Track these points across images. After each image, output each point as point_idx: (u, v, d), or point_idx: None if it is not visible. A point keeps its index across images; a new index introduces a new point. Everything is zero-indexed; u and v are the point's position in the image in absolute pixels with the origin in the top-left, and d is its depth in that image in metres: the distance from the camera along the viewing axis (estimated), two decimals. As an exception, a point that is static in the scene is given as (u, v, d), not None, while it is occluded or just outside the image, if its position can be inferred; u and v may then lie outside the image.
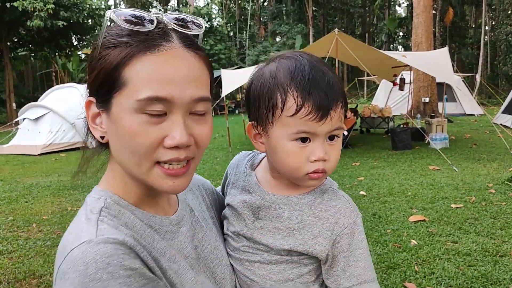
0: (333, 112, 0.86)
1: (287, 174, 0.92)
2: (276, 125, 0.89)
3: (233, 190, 1.05)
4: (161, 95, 0.74)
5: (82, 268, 0.67)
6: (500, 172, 7.33)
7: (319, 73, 0.87)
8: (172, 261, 0.83)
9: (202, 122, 0.81)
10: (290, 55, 0.92)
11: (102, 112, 0.80)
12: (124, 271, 0.69)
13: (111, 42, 0.77)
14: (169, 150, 0.77)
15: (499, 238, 4.32)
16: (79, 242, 0.71)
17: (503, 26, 31.56)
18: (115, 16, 0.76)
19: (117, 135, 0.78)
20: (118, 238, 0.73)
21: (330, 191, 0.97)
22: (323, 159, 0.88)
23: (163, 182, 0.79)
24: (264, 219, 0.97)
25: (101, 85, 0.77)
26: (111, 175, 0.87)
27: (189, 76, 0.77)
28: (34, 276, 3.88)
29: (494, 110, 19.68)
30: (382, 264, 3.82)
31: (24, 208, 6.23)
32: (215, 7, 52.71)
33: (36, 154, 12.06)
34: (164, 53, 0.75)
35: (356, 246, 0.93)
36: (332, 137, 0.90)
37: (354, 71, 41.71)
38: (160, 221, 0.87)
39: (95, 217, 0.78)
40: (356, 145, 11.30)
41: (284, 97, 0.86)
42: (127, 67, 0.74)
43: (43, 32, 21.87)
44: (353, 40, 10.84)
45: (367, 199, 5.98)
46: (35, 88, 40.86)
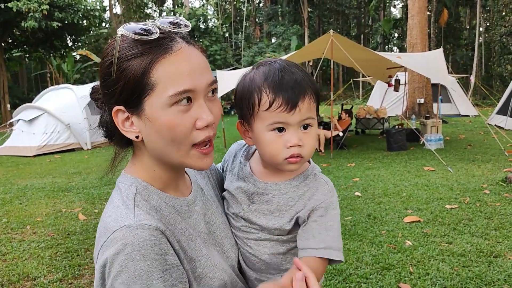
0: (301, 104, 1.01)
1: (270, 161, 1.08)
2: (256, 120, 1.05)
3: (231, 176, 1.22)
4: (187, 87, 0.88)
5: (121, 247, 0.83)
6: (494, 172, 7.36)
7: (288, 73, 1.04)
8: (190, 240, 0.99)
9: (215, 102, 0.98)
10: (266, 62, 1.10)
11: (132, 116, 0.93)
12: (153, 255, 0.85)
13: (127, 55, 0.89)
14: (201, 131, 0.93)
15: (493, 239, 4.33)
16: (120, 225, 0.87)
17: (497, 28, 31.69)
18: (127, 31, 0.88)
19: (156, 131, 0.91)
20: (153, 224, 0.88)
21: (312, 176, 1.13)
22: (298, 145, 1.03)
23: (199, 161, 0.96)
24: (257, 203, 1.13)
25: (131, 93, 0.89)
26: (138, 165, 1.01)
27: (201, 66, 0.93)
28: (28, 279, 3.86)
29: (488, 111, 19.77)
30: (377, 265, 3.82)
31: (18, 210, 6.20)
32: (210, 8, 52.69)
33: (31, 156, 12.01)
34: (178, 53, 0.89)
35: (328, 219, 1.07)
36: (306, 126, 1.05)
37: (349, 72, 41.81)
38: (180, 202, 1.03)
39: (132, 203, 0.93)
40: (351, 146, 11.32)
41: (259, 95, 1.03)
42: (152, 72, 0.88)
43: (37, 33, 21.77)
44: (348, 41, 10.86)
45: (362, 200, 5.99)
46: (29, 89, 40.72)
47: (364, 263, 3.87)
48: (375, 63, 11.29)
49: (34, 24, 20.35)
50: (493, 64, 34.26)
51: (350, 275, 3.64)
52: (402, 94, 14.66)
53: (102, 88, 0.95)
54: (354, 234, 4.57)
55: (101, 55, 0.97)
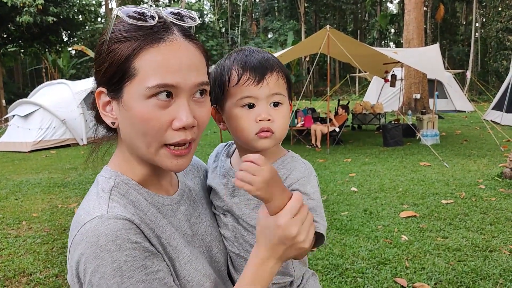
0: (268, 77, 1.02)
1: (242, 138, 1.06)
2: (227, 98, 1.05)
3: (212, 175, 1.20)
4: (169, 82, 0.83)
5: (94, 239, 0.78)
6: (490, 168, 7.39)
7: (257, 53, 1.06)
8: (171, 238, 0.93)
9: (203, 105, 0.91)
10: (237, 49, 1.11)
11: (113, 100, 0.89)
12: (131, 244, 0.80)
13: (118, 36, 0.86)
14: (177, 132, 0.86)
15: (489, 233, 4.35)
16: (91, 217, 0.82)
17: (493, 23, 31.74)
18: (122, 13, 0.85)
19: (129, 120, 0.86)
20: (126, 216, 0.83)
21: (290, 158, 1.11)
22: (268, 119, 1.02)
23: (168, 162, 0.89)
24: (238, 195, 1.11)
25: (113, 76, 0.85)
26: (120, 156, 0.97)
27: (191, 64, 0.86)
28: (24, 274, 3.85)
29: (484, 106, 19.83)
30: (373, 259, 3.83)
31: (14, 205, 6.18)
32: (206, 3, 52.50)
33: (26, 151, 11.96)
34: (169, 44, 0.85)
35: (307, 197, 1.03)
36: (276, 104, 1.04)
37: (346, 68, 41.83)
38: (162, 200, 0.98)
39: (107, 196, 0.88)
40: (347, 142, 11.33)
41: (229, 73, 1.04)
42: (137, 58, 0.83)
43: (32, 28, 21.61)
44: (344, 36, 10.85)
45: (359, 195, 6.00)
46: (25, 85, 40.54)
47: (360, 258, 3.88)
48: (371, 59, 11.29)
49: (29, 19, 20.22)
50: (489, 60, 34.35)
51: (346, 270, 3.65)
52: (398, 89, 14.67)
53: (94, 65, 0.91)
54: (350, 229, 4.59)
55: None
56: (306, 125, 11.25)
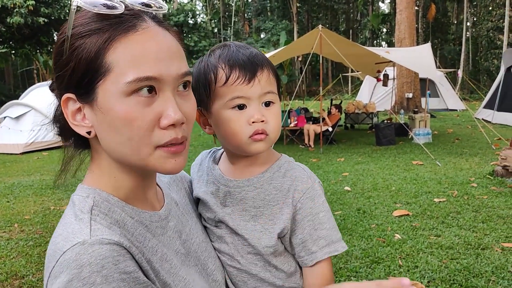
0: (260, 75, 0.94)
1: (233, 143, 0.98)
2: (214, 100, 0.96)
3: (198, 184, 1.09)
4: (150, 74, 0.72)
5: (76, 271, 0.65)
6: (481, 166, 7.44)
7: (244, 48, 0.98)
8: (164, 260, 0.82)
9: (187, 98, 0.82)
10: (220, 45, 1.02)
11: (84, 106, 0.77)
12: (119, 274, 0.67)
13: (82, 31, 0.74)
14: (166, 131, 0.76)
15: (481, 231, 4.38)
16: (72, 243, 0.69)
17: (484, 22, 32.01)
18: (83, 2, 0.72)
19: (109, 125, 0.75)
20: (114, 239, 0.71)
21: (286, 164, 1.03)
22: (261, 121, 0.94)
23: (166, 162, 0.79)
24: (231, 205, 1.02)
25: (82, 76, 0.74)
26: (97, 171, 0.84)
27: (171, 52, 0.77)
28: (16, 277, 3.82)
29: (476, 105, 19.98)
30: (366, 258, 3.85)
31: (5, 208, 6.13)
32: (199, 3, 52.41)
33: (18, 153, 11.87)
34: (144, 32, 0.74)
35: (318, 210, 0.97)
36: (268, 103, 0.97)
37: (339, 67, 41.93)
38: (149, 216, 0.85)
39: (87, 217, 0.75)
40: (340, 141, 11.36)
41: (215, 72, 0.95)
42: (109, 52, 0.72)
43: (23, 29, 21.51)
44: (337, 36, 10.88)
45: (352, 194, 6.02)
46: (16, 86, 40.22)
47: (354, 257, 3.89)
48: (363, 58, 11.33)
49: (19, 20, 20.10)
50: (480, 59, 34.62)
51: (340, 269, 3.66)
52: (390, 89, 14.73)
53: (55, 70, 0.79)
54: (344, 228, 4.60)
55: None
56: (299, 125, 11.27)
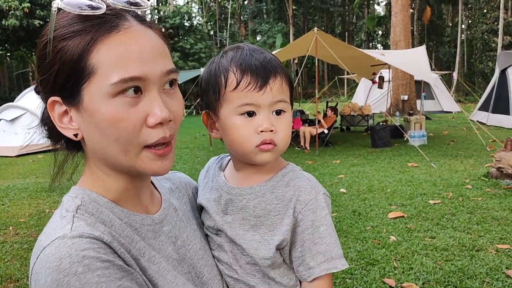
0: (272, 82, 0.90)
1: (240, 151, 0.95)
2: (223, 104, 0.93)
3: (203, 191, 1.07)
4: (134, 74, 0.72)
5: (55, 264, 0.64)
6: (476, 168, 7.48)
7: (258, 52, 0.94)
8: (151, 262, 0.81)
9: (174, 96, 0.81)
10: (233, 47, 0.98)
11: (71, 109, 0.77)
12: (101, 263, 0.66)
13: (65, 32, 0.73)
14: (154, 130, 0.75)
15: (476, 233, 4.40)
16: (52, 239, 0.69)
17: (479, 25, 32.17)
18: (64, 4, 0.72)
19: (95, 126, 0.75)
20: (94, 234, 0.70)
21: (291, 173, 0.99)
22: (270, 130, 0.91)
23: (152, 164, 0.78)
24: (232, 213, 0.98)
25: (66, 79, 0.74)
26: (88, 173, 0.84)
27: (155, 51, 0.76)
28: (11, 280, 3.80)
29: (471, 107, 20.05)
30: (361, 260, 3.85)
31: (0, 211, 6.10)
32: (195, 6, 52.47)
33: (13, 156, 11.82)
34: (126, 32, 0.74)
35: (319, 223, 0.93)
36: (279, 112, 0.93)
37: (334, 70, 42.02)
38: (141, 219, 0.85)
39: (71, 215, 0.75)
40: (336, 143, 11.38)
41: (226, 75, 0.92)
42: (93, 53, 0.72)
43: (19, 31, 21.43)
44: (332, 38, 10.92)
45: (347, 196, 6.03)
46: (11, 89, 40.03)
47: (349, 259, 3.90)
48: (359, 61, 11.36)
49: (15, 22, 20.05)
50: (475, 61, 34.79)
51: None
52: (386, 91, 14.80)
53: (38, 74, 0.78)
54: (339, 230, 4.60)
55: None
56: (295, 127, 11.29)
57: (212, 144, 11.62)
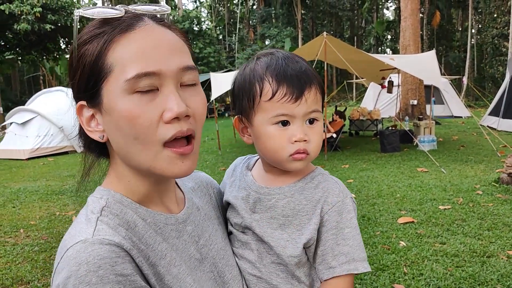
0: (307, 94, 0.92)
1: (273, 158, 0.97)
2: (257, 112, 0.94)
3: (230, 189, 1.08)
4: (149, 70, 0.73)
5: (74, 268, 0.67)
6: (487, 173, 7.41)
7: (292, 61, 0.94)
8: (172, 265, 0.81)
9: (195, 93, 0.81)
10: (267, 52, 1.00)
11: (96, 112, 0.79)
12: (115, 276, 0.68)
13: (86, 38, 0.77)
14: (170, 125, 0.75)
15: (487, 239, 4.36)
16: (75, 241, 0.72)
17: (489, 29, 31.95)
18: (83, 11, 0.77)
19: (115, 125, 0.76)
20: (115, 240, 0.72)
21: (320, 176, 1.01)
22: (304, 140, 0.93)
23: (172, 165, 0.78)
24: (260, 211, 1.00)
25: (87, 80, 0.76)
26: (113, 175, 0.86)
27: (171, 46, 0.77)
28: (22, 282, 3.84)
29: (481, 112, 19.91)
30: (371, 266, 3.84)
31: (11, 213, 6.17)
32: (204, 11, 52.71)
33: (24, 159, 11.94)
34: (141, 30, 0.76)
35: (344, 225, 0.95)
36: (312, 120, 0.95)
37: (343, 74, 41.92)
38: (165, 219, 0.86)
39: (95, 217, 0.77)
40: (345, 148, 11.35)
41: (261, 85, 0.93)
42: (109, 53, 0.74)
43: (30, 35, 21.66)
44: (341, 43, 10.91)
45: (357, 201, 5.98)
46: (22, 92, 40.49)
47: (358, 264, 3.88)
48: (368, 65, 11.33)
49: (26, 27, 20.26)
50: (485, 66, 34.53)
51: (345, 276, 3.65)
52: (395, 95, 14.72)
53: (69, 79, 0.82)
54: (348, 235, 4.58)
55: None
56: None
57: (221, 148, 11.65)
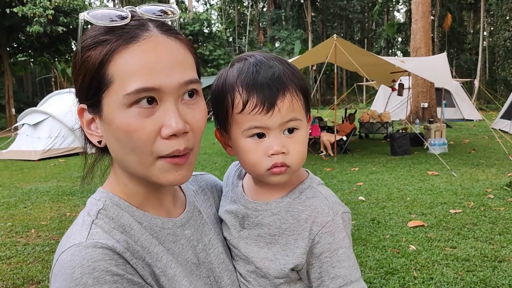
0: (280, 103, 0.85)
1: (252, 173, 0.93)
2: (232, 125, 0.89)
3: (223, 201, 1.04)
4: (149, 85, 0.72)
5: (69, 271, 0.68)
6: (498, 177, 7.34)
7: (265, 67, 0.87)
8: (168, 267, 0.81)
9: (195, 107, 0.79)
10: (242, 57, 0.93)
11: (96, 117, 0.79)
12: (111, 276, 0.68)
13: (90, 43, 0.76)
14: (168, 141, 0.75)
15: (498, 244, 4.32)
16: (69, 244, 0.72)
17: (501, 32, 31.65)
18: (89, 17, 0.75)
19: (113, 135, 0.77)
20: (107, 244, 0.72)
21: (309, 189, 0.94)
22: (281, 152, 0.86)
23: (167, 174, 0.78)
24: (248, 228, 0.95)
25: (88, 88, 0.76)
26: (113, 176, 0.87)
27: (173, 60, 0.75)
28: (33, 282, 3.87)
29: (492, 115, 19.72)
30: (380, 269, 3.82)
31: (22, 213, 6.23)
32: (214, 13, 52.90)
33: (35, 160, 12.05)
34: (144, 43, 0.74)
35: (337, 246, 0.89)
36: (292, 130, 0.88)
37: (353, 77, 41.80)
38: (161, 223, 0.85)
39: (90, 220, 0.78)
40: (355, 151, 11.31)
41: (232, 95, 0.87)
42: (110, 64, 0.73)
43: (42, 37, 21.88)
44: (351, 45, 10.88)
45: (366, 204, 5.98)
46: (34, 94, 40.91)
47: (368, 268, 3.86)
48: (378, 68, 11.30)
49: (39, 29, 20.47)
50: (497, 69, 34.20)
51: (354, 280, 3.63)
52: (405, 98, 14.65)
53: (73, 81, 0.82)
54: (358, 239, 4.57)
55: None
56: (313, 134, 11.26)
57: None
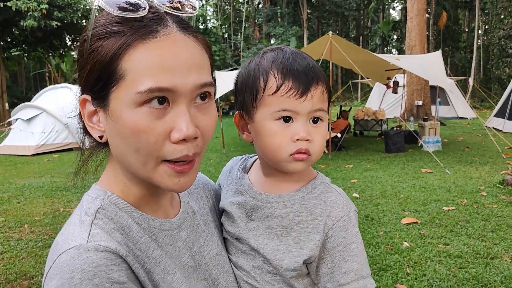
0: (313, 90, 0.87)
1: (272, 158, 0.91)
2: (259, 107, 0.89)
3: (226, 194, 1.03)
4: (163, 85, 0.68)
5: (68, 276, 0.64)
6: (492, 175, 7.39)
7: (300, 57, 0.90)
8: (166, 272, 0.79)
9: (207, 111, 0.76)
10: (274, 48, 0.95)
11: (99, 110, 0.75)
12: (111, 284, 0.65)
13: (102, 32, 0.71)
14: (177, 145, 0.71)
15: (490, 241, 4.35)
16: (68, 246, 0.68)
17: (496, 30, 31.77)
18: (104, 3, 0.70)
19: (118, 133, 0.72)
20: (110, 247, 0.69)
21: (322, 185, 0.95)
22: (306, 139, 0.87)
23: (169, 180, 0.75)
24: (257, 220, 0.95)
25: (96, 81, 0.71)
26: (111, 173, 0.82)
27: (191, 62, 0.72)
28: (26, 277, 3.86)
29: (486, 113, 19.81)
30: (374, 266, 3.83)
31: (16, 209, 6.20)
32: (210, 9, 52.71)
33: (29, 155, 11.99)
34: (162, 39, 0.70)
35: (351, 240, 0.90)
36: (316, 120, 0.90)
37: (348, 74, 41.87)
38: (159, 224, 0.83)
39: (89, 220, 0.74)
40: (349, 148, 11.33)
41: (266, 78, 0.88)
42: (124, 58, 0.69)
43: (36, 32, 21.76)
44: (347, 43, 10.88)
45: (360, 201, 6.00)
46: (28, 89, 40.68)
47: (361, 264, 3.88)
48: (373, 65, 11.31)
49: (33, 23, 20.35)
50: (492, 67, 34.36)
51: (347, 276, 3.65)
52: (400, 96, 14.69)
53: (77, 68, 0.77)
54: (351, 235, 4.58)
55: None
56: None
57: (225, 146, 11.66)
